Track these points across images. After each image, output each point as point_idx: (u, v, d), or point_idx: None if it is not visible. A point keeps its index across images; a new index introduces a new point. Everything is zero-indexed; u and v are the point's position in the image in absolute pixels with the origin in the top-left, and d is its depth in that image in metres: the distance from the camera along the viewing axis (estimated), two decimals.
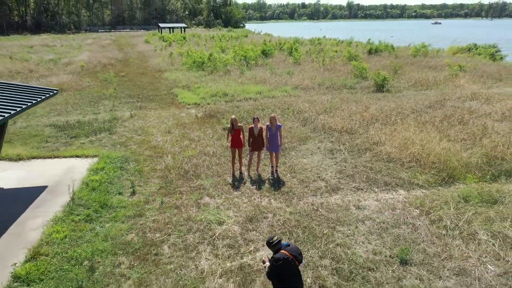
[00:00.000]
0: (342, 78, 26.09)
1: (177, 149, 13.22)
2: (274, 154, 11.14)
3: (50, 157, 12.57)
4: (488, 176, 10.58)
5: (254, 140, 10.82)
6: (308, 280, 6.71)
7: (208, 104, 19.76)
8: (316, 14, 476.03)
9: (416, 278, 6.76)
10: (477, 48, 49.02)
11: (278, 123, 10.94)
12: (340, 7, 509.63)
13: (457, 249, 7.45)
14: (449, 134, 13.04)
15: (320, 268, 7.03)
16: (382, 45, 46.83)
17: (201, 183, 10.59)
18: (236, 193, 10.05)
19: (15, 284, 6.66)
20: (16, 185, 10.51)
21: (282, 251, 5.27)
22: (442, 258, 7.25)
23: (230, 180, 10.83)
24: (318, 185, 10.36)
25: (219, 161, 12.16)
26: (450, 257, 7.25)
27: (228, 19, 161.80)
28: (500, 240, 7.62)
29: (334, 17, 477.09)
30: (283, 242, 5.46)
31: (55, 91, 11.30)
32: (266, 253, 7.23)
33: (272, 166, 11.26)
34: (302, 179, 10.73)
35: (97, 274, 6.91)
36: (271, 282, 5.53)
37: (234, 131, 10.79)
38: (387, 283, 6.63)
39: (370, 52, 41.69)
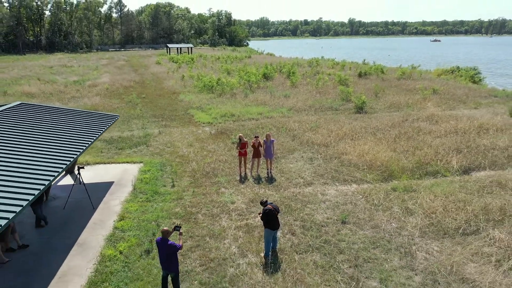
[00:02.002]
0: (330, 100, 31.10)
1: (199, 157, 18.14)
2: (269, 160, 16.02)
3: (109, 163, 17.53)
4: (416, 176, 15.42)
5: (255, 150, 15.73)
6: (285, 230, 11.53)
7: (219, 123, 24.75)
8: (318, 31, 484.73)
9: (349, 230, 11.55)
10: (459, 70, 53.99)
11: (272, 139, 15.88)
12: (342, 24, 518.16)
13: (376, 216, 12.27)
14: (395, 147, 17.92)
15: (293, 225, 11.85)
16: (372, 68, 51.84)
17: (218, 180, 15.47)
18: (242, 186, 14.92)
19: (116, 231, 11.52)
20: (92, 180, 15.41)
21: (268, 206, 10.11)
22: (366, 220, 12.06)
23: (238, 178, 15.70)
24: (298, 181, 15.23)
25: (230, 165, 17.06)
26: (371, 219, 12.06)
27: (232, 38, 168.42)
28: (404, 211, 12.44)
29: (336, 34, 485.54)
30: (269, 201, 10.31)
31: (117, 116, 16.30)
32: (260, 209, 12.06)
33: (267, 169, 16.13)
34: (288, 177, 15.61)
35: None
36: (262, 223, 10.34)
37: (241, 144, 15.71)
38: (331, 231, 11.43)
39: (360, 75, 46.74)
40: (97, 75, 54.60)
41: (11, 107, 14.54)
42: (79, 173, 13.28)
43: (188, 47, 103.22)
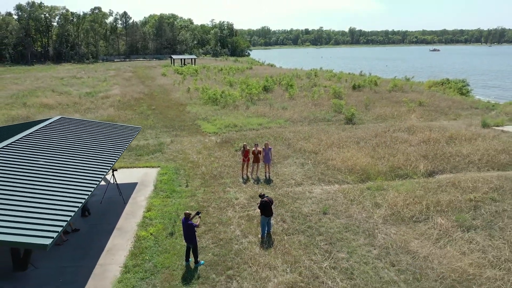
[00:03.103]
0: (324, 112, 34.37)
1: (207, 163, 21.35)
2: (267, 165, 19.20)
3: (132, 167, 20.75)
4: (389, 178, 18.57)
5: (255, 157, 18.92)
6: (278, 219, 14.68)
7: (224, 133, 27.98)
8: (319, 40, 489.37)
9: (328, 219, 14.68)
10: (449, 83, 57.24)
11: (270, 147, 19.08)
12: (343, 33, 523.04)
13: (351, 208, 15.42)
14: (374, 154, 21.12)
15: (284, 215, 14.99)
16: (366, 80, 55.11)
17: (224, 181, 18.65)
18: (244, 186, 18.10)
19: (145, 219, 14.69)
20: (120, 182, 18.58)
21: (265, 198, 13.27)
22: (342, 211, 15.21)
23: (241, 180, 18.88)
24: (290, 182, 18.40)
25: (234, 169, 20.25)
26: (346, 211, 15.21)
27: (234, 48, 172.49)
28: (373, 204, 15.59)
29: (337, 43, 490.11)
30: (265, 194, 13.48)
31: (140, 128, 19.53)
32: (258, 201, 15.20)
33: (265, 172, 19.31)
34: (282, 179, 18.79)
35: (180, 217, 14.91)
36: (260, 212, 13.49)
37: (245, 151, 18.89)
38: (314, 220, 14.57)
39: (354, 87, 50.03)
40: (108, 86, 58.05)
41: (54, 121, 17.78)
42: (113, 175, 16.47)
43: (191, 58, 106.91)
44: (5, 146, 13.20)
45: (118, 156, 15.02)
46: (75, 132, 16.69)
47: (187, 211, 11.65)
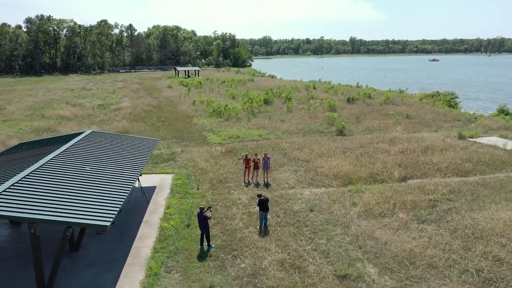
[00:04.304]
0: (318, 124, 37.96)
1: (214, 169, 24.89)
2: (265, 172, 22.74)
3: (150, 173, 24.29)
4: (368, 182, 22.06)
5: (255, 164, 22.46)
6: (273, 214, 18.17)
7: (228, 143, 31.54)
8: (320, 49, 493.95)
9: (313, 215, 18.16)
10: (438, 95, 60.84)
11: (268, 156, 22.63)
12: (343, 43, 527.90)
13: (333, 207, 18.90)
14: (357, 162, 24.64)
15: (278, 212, 18.48)
16: (360, 93, 58.72)
17: (229, 185, 22.18)
18: (246, 189, 21.61)
19: (166, 215, 18.21)
20: (141, 185, 22.11)
21: (262, 197, 16.78)
22: (326, 209, 18.68)
23: (243, 184, 22.40)
24: (285, 186, 21.92)
25: (237, 175, 23.78)
26: (329, 209, 18.70)
27: (236, 59, 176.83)
28: (351, 204, 19.07)
29: (338, 52, 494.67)
30: (263, 194, 17.01)
31: (158, 140, 23.11)
32: (257, 199, 18.67)
33: (264, 177, 22.83)
34: (278, 183, 22.30)
35: (194, 212, 18.40)
36: (258, 209, 16.99)
37: (247, 160, 22.44)
38: (302, 215, 18.04)
39: (348, 100, 53.67)
40: (118, 99, 61.81)
41: (87, 134, 21.36)
42: (138, 180, 20.01)
43: (195, 70, 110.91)
44: (57, 155, 16.76)
45: (145, 163, 18.58)
46: (106, 144, 20.26)
47: (202, 206, 15.18)
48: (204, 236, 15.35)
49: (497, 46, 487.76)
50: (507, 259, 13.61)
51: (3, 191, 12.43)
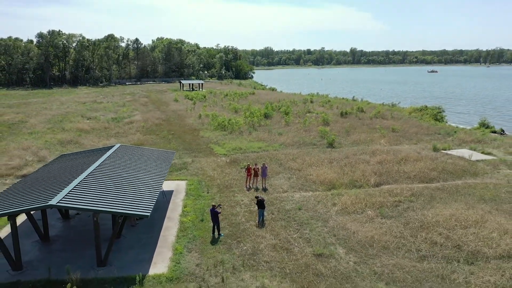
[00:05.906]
0: (311, 137, 42.74)
1: (221, 177, 29.62)
2: (263, 179, 27.50)
3: (167, 180, 29.03)
4: (348, 187, 26.75)
5: (255, 173, 27.22)
6: (269, 212, 22.86)
7: (231, 154, 36.30)
8: (321, 60, 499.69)
9: (301, 213, 22.82)
10: (426, 109, 65.53)
11: (266, 166, 27.41)
12: (344, 53, 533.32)
13: (317, 206, 23.58)
14: (340, 171, 29.37)
15: (273, 210, 23.17)
16: (353, 108, 63.48)
17: (233, 189, 26.90)
18: (247, 192, 26.33)
19: (184, 212, 22.94)
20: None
21: (259, 197, 21.49)
22: (311, 208, 23.35)
23: (245, 188, 27.11)
24: (279, 190, 26.63)
25: (240, 182, 28.49)
26: (314, 208, 23.38)
27: (238, 71, 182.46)
28: (332, 204, 23.76)
29: (338, 63, 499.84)
30: (260, 196, 21.73)
31: (174, 152, 27.88)
32: (255, 200, 23.33)
33: (262, 184, 27.57)
34: (273, 188, 27.02)
35: (207, 210, 23.10)
36: (257, 207, 21.70)
37: (248, 169, 27.21)
38: (292, 213, 22.72)
39: (341, 114, 58.46)
40: (129, 112, 66.73)
41: (117, 148, 26.12)
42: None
43: (199, 83, 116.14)
44: (100, 164, 21.53)
45: (167, 170, 23.35)
46: (134, 155, 25.05)
47: (213, 204, 19.95)
48: (215, 227, 20.05)
49: (496, 57, 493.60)
50: (440, 242, 18.30)
51: (71, 190, 17.19)
